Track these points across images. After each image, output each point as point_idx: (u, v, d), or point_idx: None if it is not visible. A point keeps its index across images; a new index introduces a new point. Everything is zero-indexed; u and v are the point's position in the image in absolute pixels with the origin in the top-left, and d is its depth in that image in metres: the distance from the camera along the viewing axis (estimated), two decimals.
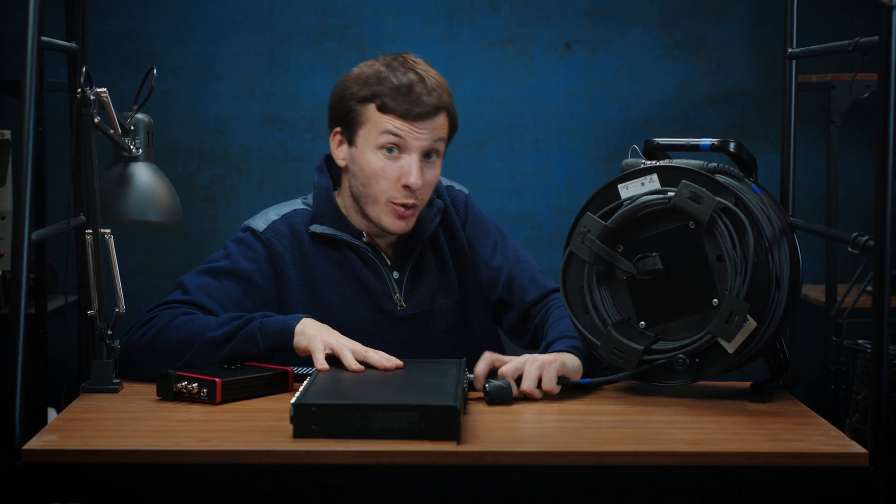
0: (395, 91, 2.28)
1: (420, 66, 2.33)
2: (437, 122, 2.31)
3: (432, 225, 2.42)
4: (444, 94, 2.32)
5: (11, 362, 1.81)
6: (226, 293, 2.29)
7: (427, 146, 2.30)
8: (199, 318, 2.23)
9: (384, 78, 2.30)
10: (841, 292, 3.57)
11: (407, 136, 2.29)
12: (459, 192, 2.50)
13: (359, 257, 2.38)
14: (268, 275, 2.33)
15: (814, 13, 4.03)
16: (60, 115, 3.70)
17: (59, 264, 3.53)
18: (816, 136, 3.92)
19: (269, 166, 4.07)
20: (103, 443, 1.83)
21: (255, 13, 4.05)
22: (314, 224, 2.38)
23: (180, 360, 2.17)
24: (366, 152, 2.31)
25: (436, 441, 1.81)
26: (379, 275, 2.38)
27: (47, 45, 2.09)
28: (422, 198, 2.33)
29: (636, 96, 4.10)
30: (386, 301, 2.37)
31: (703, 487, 1.82)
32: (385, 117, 2.29)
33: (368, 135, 2.31)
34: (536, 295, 2.41)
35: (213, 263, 2.34)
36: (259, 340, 2.18)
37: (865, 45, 2.08)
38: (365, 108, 2.31)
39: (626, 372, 2.11)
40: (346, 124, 2.34)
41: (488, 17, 4.07)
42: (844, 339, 2.02)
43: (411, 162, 2.29)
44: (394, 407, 1.83)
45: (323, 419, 1.83)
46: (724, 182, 2.06)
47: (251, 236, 2.37)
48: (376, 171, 2.30)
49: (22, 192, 1.85)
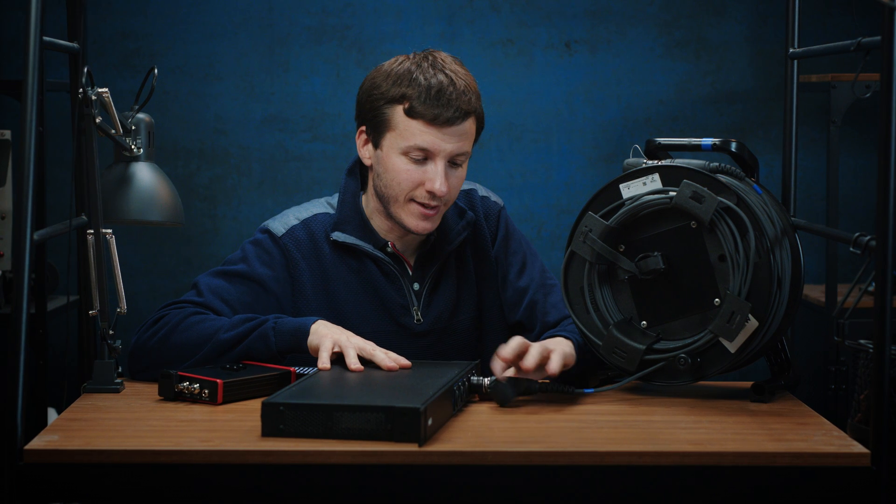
0: (425, 94, 2.23)
1: (449, 66, 2.27)
2: (464, 126, 2.27)
3: (458, 238, 2.39)
4: (472, 98, 2.27)
5: (13, 362, 1.81)
6: (238, 297, 2.28)
7: (454, 151, 2.27)
8: (210, 318, 2.22)
9: (414, 79, 2.25)
10: (842, 292, 3.57)
11: (434, 142, 2.25)
12: (494, 203, 2.46)
13: (379, 268, 2.35)
14: (283, 280, 2.32)
15: (814, 13, 4.03)
16: (61, 115, 3.71)
17: (59, 264, 3.53)
18: (816, 136, 3.93)
19: (269, 166, 4.07)
20: (105, 443, 1.83)
21: (255, 13, 4.05)
22: (336, 231, 2.35)
23: (191, 360, 2.17)
24: (391, 156, 2.28)
25: (400, 443, 1.81)
26: (398, 287, 2.35)
27: (49, 45, 2.09)
28: (447, 200, 2.30)
29: (636, 96, 4.10)
30: (403, 315, 2.35)
31: (705, 487, 1.82)
32: (412, 122, 2.25)
33: (395, 140, 2.27)
34: (555, 318, 2.37)
35: (229, 266, 2.32)
36: (272, 341, 2.17)
37: (867, 46, 2.08)
38: (392, 110, 2.27)
39: (628, 377, 2.10)
40: (373, 126, 2.30)
41: (488, 17, 4.07)
42: (846, 339, 2.02)
43: (437, 168, 2.26)
44: (360, 408, 1.83)
45: (290, 418, 1.84)
46: (726, 182, 2.06)
47: (269, 240, 2.34)
48: (401, 174, 2.27)
49: (23, 192, 1.85)
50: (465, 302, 2.40)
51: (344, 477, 1.80)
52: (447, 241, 2.38)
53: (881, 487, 1.80)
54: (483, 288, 2.42)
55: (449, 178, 2.27)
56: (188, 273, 4.04)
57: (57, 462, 1.79)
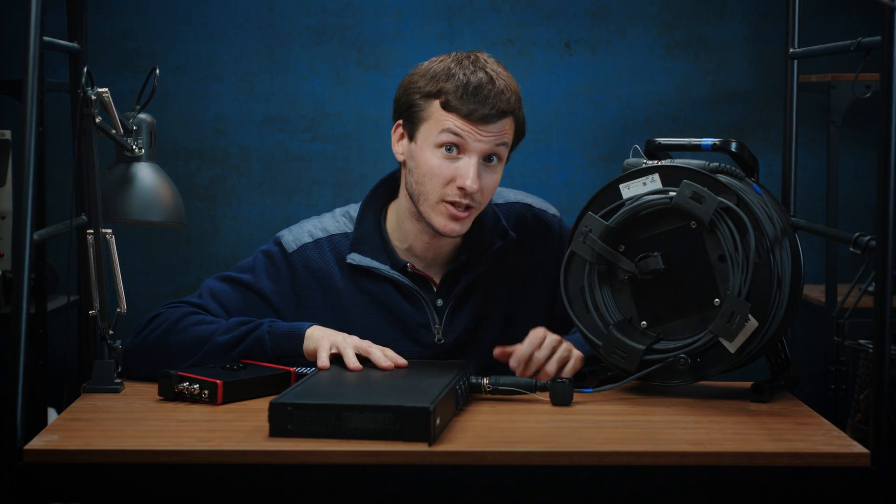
0: (462, 89, 2.20)
1: (491, 65, 2.24)
2: (501, 125, 2.22)
3: (490, 262, 2.32)
4: (512, 98, 2.23)
5: (13, 362, 1.81)
6: (237, 305, 2.27)
7: (488, 149, 2.22)
8: (206, 320, 2.22)
9: (452, 75, 2.21)
10: (841, 292, 3.57)
11: (468, 137, 2.21)
12: (553, 216, 2.41)
13: (397, 290, 2.30)
14: (286, 296, 2.30)
15: (814, 13, 4.03)
16: (61, 115, 3.70)
17: (59, 264, 3.53)
18: (816, 136, 3.92)
19: (269, 166, 4.07)
20: (105, 443, 1.83)
21: (255, 13, 4.05)
22: (353, 253, 2.31)
23: (187, 363, 2.17)
24: (424, 149, 2.24)
25: (409, 442, 1.81)
26: (419, 306, 2.30)
27: (49, 45, 2.09)
28: (479, 200, 2.24)
29: (636, 96, 4.10)
30: (423, 333, 2.30)
31: (705, 488, 1.82)
32: (448, 115, 2.21)
33: (429, 131, 2.23)
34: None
35: (238, 273, 2.31)
36: (268, 345, 2.17)
37: (867, 46, 2.08)
38: (429, 103, 2.23)
39: (628, 377, 2.10)
40: (409, 118, 2.26)
41: (488, 17, 4.07)
42: (846, 339, 2.02)
43: (469, 164, 2.21)
44: (368, 408, 1.83)
45: (299, 419, 1.83)
46: (726, 182, 2.06)
47: (279, 254, 2.31)
48: (433, 168, 2.22)
49: (23, 192, 1.85)
50: (491, 322, 2.33)
51: (350, 477, 1.79)
52: (479, 262, 2.32)
53: (881, 487, 1.80)
54: (518, 309, 2.35)
55: (482, 178, 2.22)
56: (188, 273, 4.04)
57: (57, 462, 1.79)
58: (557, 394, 2.07)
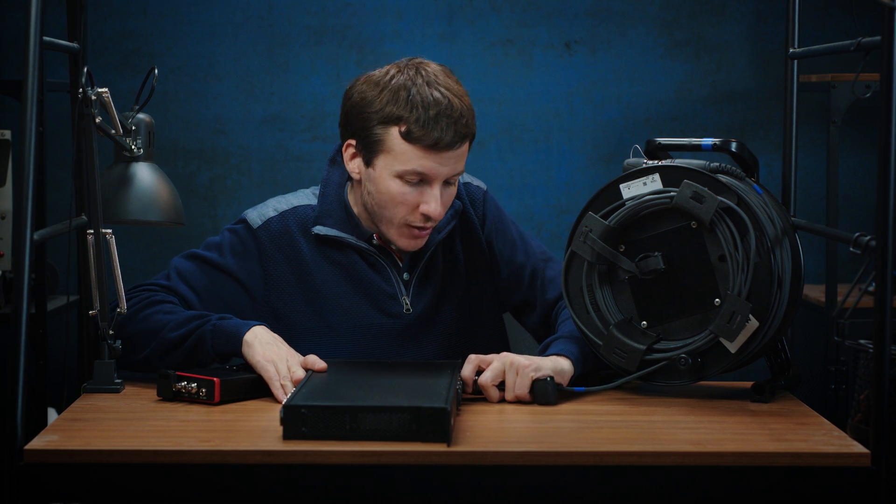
0: (423, 118, 2.17)
1: (442, 81, 2.20)
2: (462, 149, 2.22)
3: (447, 228, 2.35)
4: (469, 120, 2.21)
5: (13, 362, 1.81)
6: (206, 284, 2.27)
7: (451, 173, 2.23)
8: (164, 309, 2.20)
9: (410, 99, 2.18)
10: (842, 292, 3.57)
11: (432, 168, 2.20)
12: (477, 188, 2.41)
13: (364, 260, 2.32)
14: (255, 273, 2.30)
15: (814, 13, 4.03)
16: (60, 115, 3.70)
17: (59, 264, 3.53)
18: (816, 136, 3.93)
19: (269, 166, 4.07)
20: (105, 443, 1.83)
21: (255, 13, 4.05)
22: (318, 225, 2.32)
23: (141, 354, 2.17)
24: (385, 178, 2.22)
25: (426, 443, 1.81)
26: (386, 276, 2.32)
27: (49, 45, 2.09)
28: (439, 218, 2.25)
29: (636, 96, 4.10)
30: (392, 304, 2.32)
31: (705, 488, 1.82)
32: (410, 147, 2.19)
33: (391, 163, 2.21)
34: (556, 293, 2.35)
35: (205, 251, 2.32)
36: (209, 343, 2.15)
37: (867, 46, 2.08)
38: (387, 131, 2.20)
39: (623, 378, 2.10)
40: (365, 145, 2.24)
41: (488, 17, 4.07)
42: (846, 339, 2.02)
43: (433, 192, 2.21)
44: (384, 409, 1.83)
45: (313, 421, 1.83)
46: (726, 182, 2.06)
47: (244, 230, 2.32)
48: (395, 197, 2.22)
49: (23, 192, 1.85)
50: (454, 290, 2.36)
51: (360, 477, 1.79)
52: (436, 230, 2.33)
53: (881, 487, 1.80)
54: (474, 278, 2.39)
55: (443, 198, 2.24)
56: None
57: (57, 462, 1.79)
58: (540, 393, 2.07)
